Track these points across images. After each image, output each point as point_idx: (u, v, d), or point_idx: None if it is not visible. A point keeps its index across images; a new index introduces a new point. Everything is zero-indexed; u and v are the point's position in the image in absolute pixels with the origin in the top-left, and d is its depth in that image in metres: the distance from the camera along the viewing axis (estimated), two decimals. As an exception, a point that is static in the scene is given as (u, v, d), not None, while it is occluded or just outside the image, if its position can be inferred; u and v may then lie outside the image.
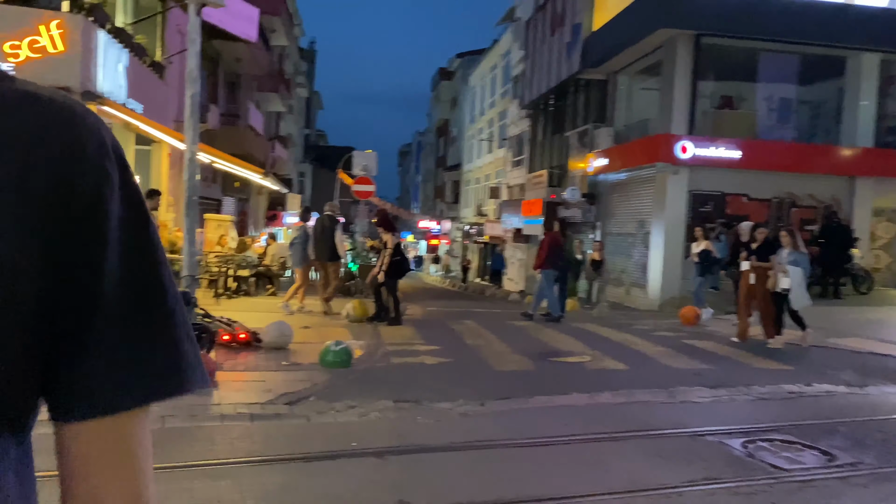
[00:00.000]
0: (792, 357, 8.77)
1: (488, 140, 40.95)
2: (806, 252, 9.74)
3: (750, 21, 16.40)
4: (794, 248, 9.48)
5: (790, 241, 9.53)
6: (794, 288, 9.29)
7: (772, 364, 8.30)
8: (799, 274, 9.26)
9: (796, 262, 9.34)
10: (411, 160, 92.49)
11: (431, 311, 12.90)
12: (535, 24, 27.52)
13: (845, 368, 7.93)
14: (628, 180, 19.64)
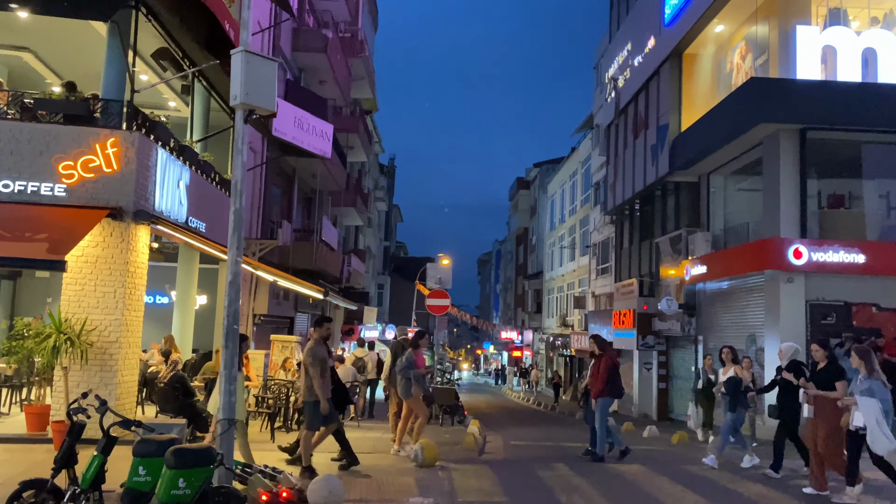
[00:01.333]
0: None
1: (570, 247, 39.58)
2: (883, 379, 7.30)
3: (859, 110, 14.81)
4: (868, 372, 7.26)
5: (862, 364, 7.33)
6: (870, 426, 7.05)
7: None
8: (873, 407, 7.02)
9: (871, 390, 7.11)
10: (490, 269, 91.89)
11: (516, 448, 11.15)
12: (615, 129, 26.58)
13: None
14: (732, 289, 17.67)
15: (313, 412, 8.07)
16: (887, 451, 7.04)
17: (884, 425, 7.02)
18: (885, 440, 6.99)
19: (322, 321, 8.61)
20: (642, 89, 22.96)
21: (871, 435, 7.05)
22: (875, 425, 7.02)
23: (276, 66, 7.07)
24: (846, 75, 14.99)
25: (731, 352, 11.05)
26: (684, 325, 19.92)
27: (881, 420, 7.01)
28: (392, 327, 45.10)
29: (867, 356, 7.37)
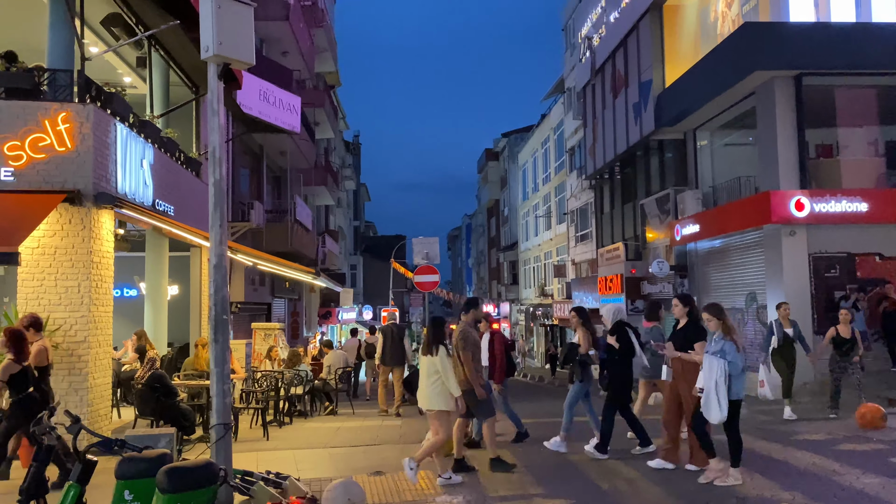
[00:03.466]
0: None
1: (546, 216, 38.95)
2: (738, 341, 6.51)
3: (856, 52, 14.18)
4: (724, 331, 6.48)
5: (715, 321, 6.57)
6: (707, 388, 6.36)
7: None
8: (717, 368, 6.28)
9: (723, 351, 6.35)
10: (461, 244, 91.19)
11: (528, 427, 10.39)
12: (592, 90, 25.79)
13: None
14: (726, 247, 17.12)
15: (474, 398, 7.39)
16: (717, 419, 6.38)
17: (722, 391, 6.29)
18: (717, 408, 6.31)
19: (472, 304, 8.12)
20: (620, 46, 22.15)
21: (706, 398, 6.37)
22: (713, 388, 6.32)
23: (251, 11, 6.06)
24: (840, 16, 14.37)
25: (578, 314, 8.85)
26: (677, 286, 19.36)
27: (721, 385, 6.29)
28: (368, 308, 44.18)
29: (721, 313, 6.60)
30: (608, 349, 8.17)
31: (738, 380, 6.39)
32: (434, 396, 7.03)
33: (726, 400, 6.30)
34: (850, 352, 10.31)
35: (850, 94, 15.77)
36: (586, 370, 8.43)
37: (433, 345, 7.07)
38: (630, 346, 8.11)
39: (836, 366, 10.44)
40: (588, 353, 8.42)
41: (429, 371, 7.06)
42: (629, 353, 8.13)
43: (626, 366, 8.15)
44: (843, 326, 10.39)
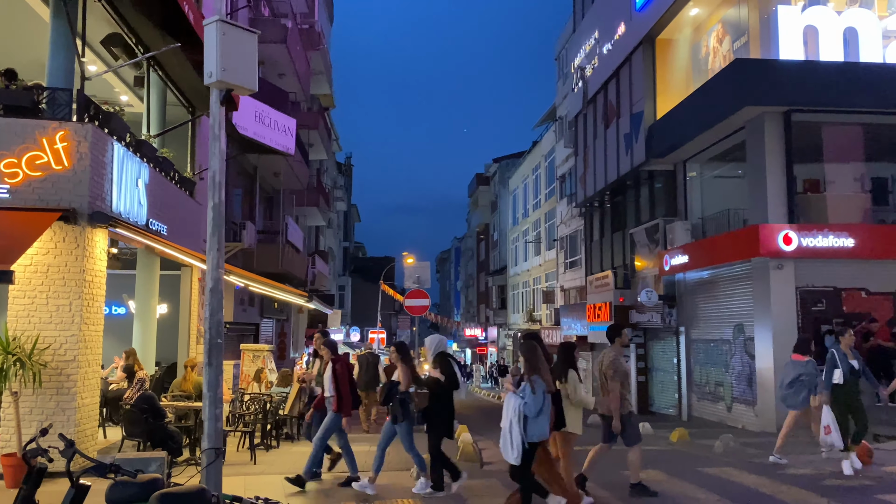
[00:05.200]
0: None
1: (536, 242, 39.12)
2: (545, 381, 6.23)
3: (844, 91, 14.48)
4: (528, 370, 6.30)
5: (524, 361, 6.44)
6: (503, 427, 6.20)
7: None
8: (512, 406, 6.14)
9: (524, 390, 6.16)
10: (450, 266, 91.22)
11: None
12: (584, 120, 26.09)
13: None
14: (715, 279, 17.27)
15: (629, 425, 7.48)
16: (512, 460, 6.16)
17: (516, 431, 6.07)
18: (509, 448, 6.09)
19: (619, 328, 7.97)
20: (613, 77, 22.48)
21: (502, 438, 6.16)
22: (507, 428, 6.11)
23: (255, 38, 6.15)
24: (829, 55, 14.68)
25: (398, 349, 8.23)
26: (665, 316, 19.49)
27: (515, 425, 6.08)
28: (356, 329, 43.99)
29: (528, 351, 6.41)
30: (430, 382, 7.80)
31: (535, 422, 6.12)
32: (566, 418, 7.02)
33: (520, 440, 6.06)
34: None
35: (837, 131, 16.06)
36: (406, 408, 7.82)
37: (564, 370, 7.11)
38: (454, 378, 7.75)
39: None
40: (409, 391, 7.87)
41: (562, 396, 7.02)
42: (453, 386, 7.74)
43: (448, 399, 7.75)
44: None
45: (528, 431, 6.08)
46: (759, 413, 14.85)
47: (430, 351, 7.97)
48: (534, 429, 6.10)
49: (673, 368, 19.55)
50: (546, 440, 6.41)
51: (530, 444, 6.10)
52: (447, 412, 7.77)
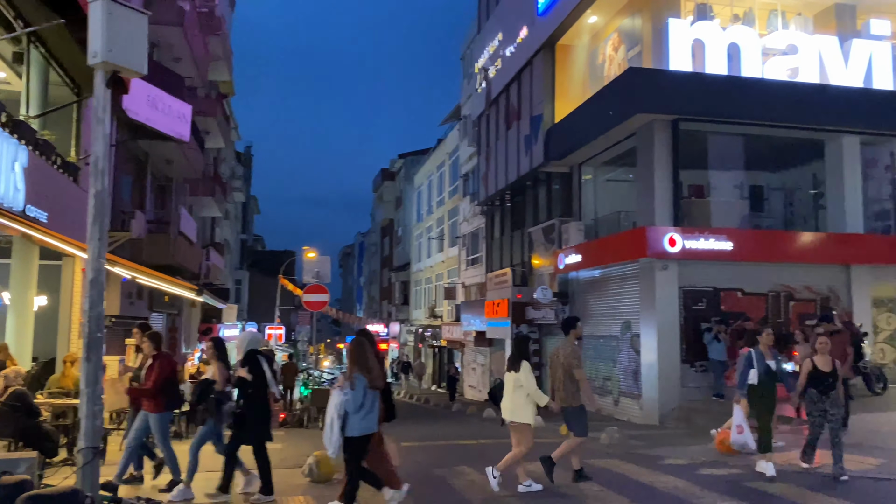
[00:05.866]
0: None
1: (439, 239, 39.43)
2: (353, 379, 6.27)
3: (727, 102, 15.44)
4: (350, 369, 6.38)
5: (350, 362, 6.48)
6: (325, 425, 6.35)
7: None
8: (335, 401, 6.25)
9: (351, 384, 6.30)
10: (353, 262, 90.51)
11: (412, 451, 10.43)
12: (487, 120, 26.53)
13: None
14: (605, 277, 18.01)
15: (579, 417, 7.92)
16: (331, 454, 6.34)
17: (336, 427, 6.15)
18: (329, 442, 6.21)
19: (574, 321, 8.36)
20: (514, 80, 22.98)
21: (324, 433, 6.28)
22: (329, 423, 6.21)
23: (146, 20, 5.90)
24: (714, 68, 15.57)
25: (215, 345, 7.82)
26: (558, 313, 20.14)
27: (335, 420, 6.17)
28: (252, 325, 42.92)
29: (356, 349, 6.47)
30: (240, 382, 7.26)
31: (355, 418, 6.19)
32: (517, 409, 7.54)
33: (339, 436, 6.15)
34: (832, 389, 8.03)
35: (720, 141, 17.11)
36: (220, 409, 7.34)
37: (518, 361, 7.57)
38: (263, 377, 7.28)
39: (814, 408, 8.13)
40: (224, 391, 7.41)
41: (514, 385, 7.55)
42: (263, 386, 7.26)
43: (261, 400, 7.27)
44: (821, 358, 8.14)
45: (348, 426, 6.19)
46: (643, 406, 15.61)
47: (242, 347, 7.39)
48: (354, 424, 6.20)
49: (566, 364, 20.20)
50: (374, 434, 6.46)
51: (354, 438, 6.20)
52: (261, 414, 7.26)
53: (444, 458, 10.23)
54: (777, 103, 15.54)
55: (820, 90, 15.92)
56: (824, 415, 7.99)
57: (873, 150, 16.98)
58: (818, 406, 8.05)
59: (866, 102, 16.10)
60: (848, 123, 16.17)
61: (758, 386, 8.18)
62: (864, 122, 16.22)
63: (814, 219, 17.90)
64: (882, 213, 17.10)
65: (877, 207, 17.16)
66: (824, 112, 15.88)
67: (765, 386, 8.19)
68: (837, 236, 16.13)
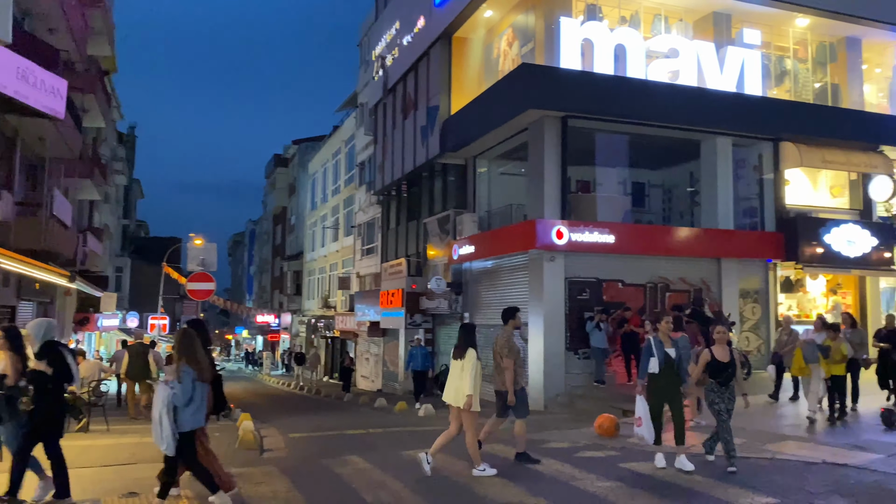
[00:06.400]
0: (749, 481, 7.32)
1: (334, 228, 38.95)
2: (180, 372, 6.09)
3: (613, 103, 16.08)
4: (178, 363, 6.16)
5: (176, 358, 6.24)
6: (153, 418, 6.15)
7: (742, 495, 6.76)
8: (162, 396, 6.10)
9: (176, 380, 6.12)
10: (244, 250, 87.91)
11: (299, 442, 10.31)
12: (384, 109, 26.40)
13: (829, 495, 6.57)
14: (497, 268, 18.39)
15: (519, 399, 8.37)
16: (164, 450, 6.07)
17: (167, 422, 5.96)
18: (160, 438, 5.99)
19: (513, 311, 8.73)
20: (412, 69, 22.97)
21: (153, 429, 6.08)
22: (157, 419, 6.00)
23: (8, -16, 5.45)
24: (602, 68, 16.16)
25: (7, 334, 6.66)
26: (451, 303, 20.41)
27: (164, 415, 5.97)
28: (134, 315, 40.93)
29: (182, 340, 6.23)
30: (34, 376, 6.45)
31: (185, 412, 6.05)
32: (458, 395, 7.83)
33: (170, 431, 5.95)
34: (731, 380, 7.92)
35: (607, 138, 17.81)
36: (13, 406, 6.50)
37: (465, 348, 7.87)
38: (66, 369, 6.55)
39: (716, 397, 7.91)
40: (17, 385, 6.51)
41: (460, 372, 7.87)
42: (64, 379, 6.59)
43: (58, 394, 6.59)
44: (719, 348, 7.96)
45: (178, 421, 6.04)
46: (529, 393, 16.02)
47: (36, 339, 6.53)
48: (184, 418, 6.07)
49: (457, 353, 20.50)
50: (201, 428, 6.35)
51: (185, 433, 6.06)
52: (56, 411, 6.63)
53: (333, 449, 10.15)
54: (659, 104, 16.34)
55: (698, 93, 16.87)
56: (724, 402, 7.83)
57: (743, 151, 18.20)
58: (719, 396, 7.86)
59: (738, 106, 17.21)
60: (722, 126, 17.25)
61: (658, 375, 7.97)
62: (736, 125, 17.35)
63: (689, 215, 19.02)
64: (749, 210, 18.36)
65: (745, 205, 18.41)
66: (701, 114, 16.85)
67: (665, 375, 7.96)
68: (710, 232, 17.18)
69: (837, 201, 19.65)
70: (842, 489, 6.79)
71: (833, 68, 19.78)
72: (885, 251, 18.03)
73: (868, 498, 6.55)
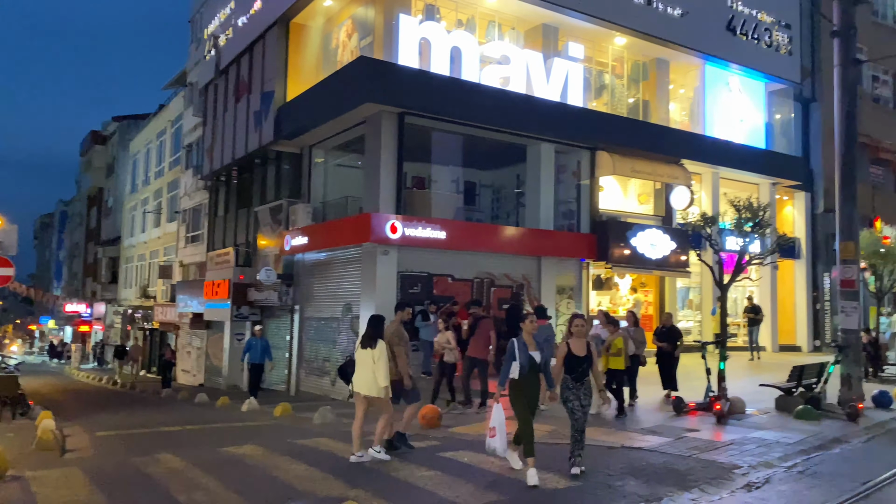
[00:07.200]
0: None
1: (156, 213, 36.62)
2: None
3: (448, 103, 16.52)
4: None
5: None
6: None
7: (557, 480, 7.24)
8: None
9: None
10: (52, 233, 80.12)
11: (106, 441, 9.62)
12: (215, 90, 25.21)
13: (623, 476, 7.25)
14: (330, 260, 18.27)
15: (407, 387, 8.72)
16: None
17: None
18: None
19: (403, 305, 9.39)
20: (247, 51, 22.13)
21: None
22: None
23: None
24: (439, 68, 16.53)
25: None
26: (282, 295, 19.98)
27: None
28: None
29: None
30: None
31: None
32: (373, 383, 8.19)
33: None
34: (587, 376, 7.40)
35: (442, 137, 18.26)
36: None
37: (374, 338, 8.21)
38: None
39: (570, 395, 7.33)
40: None
41: (368, 362, 8.20)
42: None
43: None
44: (576, 341, 7.40)
45: None
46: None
47: None
48: None
49: (286, 345, 20.14)
50: None
51: None
52: None
53: (144, 447, 9.60)
54: (491, 108, 17.01)
55: (526, 100, 17.75)
56: (580, 400, 7.29)
57: (565, 157, 19.43)
58: (574, 393, 7.28)
59: (561, 115, 18.32)
60: (546, 133, 18.31)
61: (519, 380, 7.12)
62: (559, 132, 18.49)
63: (515, 214, 20.02)
64: (568, 212, 19.66)
65: (564, 208, 19.67)
66: (528, 120, 17.77)
67: (527, 380, 7.14)
68: (532, 231, 18.19)
69: (644, 208, 21.57)
70: (635, 470, 7.49)
71: (645, 86, 21.66)
72: (682, 254, 20.07)
73: (657, 477, 7.28)
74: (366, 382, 8.27)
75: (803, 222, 24.92)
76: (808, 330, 24.43)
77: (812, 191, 24.94)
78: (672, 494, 6.63)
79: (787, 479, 7.37)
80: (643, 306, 20.65)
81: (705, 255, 14.19)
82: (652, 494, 6.63)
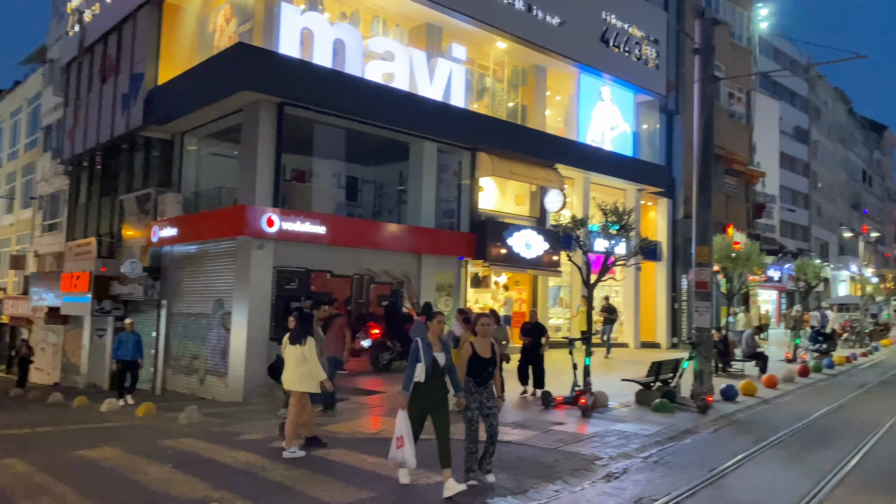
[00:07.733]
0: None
1: (8, 198, 33.71)
2: None
3: (331, 96, 16.27)
4: None
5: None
6: None
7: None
8: None
9: None
10: None
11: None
12: (78, 68, 23.53)
13: (494, 469, 7.43)
14: (201, 253, 17.52)
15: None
16: None
17: None
18: None
19: (318, 304, 9.81)
20: (115, 30, 20.80)
21: None
22: None
23: None
24: (321, 59, 16.24)
25: None
26: (147, 288, 18.95)
27: None
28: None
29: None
30: None
31: None
32: (302, 380, 8.27)
33: None
34: (491, 378, 7.02)
35: (324, 130, 17.95)
36: None
37: (304, 335, 8.26)
38: None
39: (470, 399, 6.87)
40: None
41: (298, 359, 8.25)
42: None
43: None
44: (481, 341, 7.00)
45: None
46: (229, 384, 15.60)
47: None
48: None
49: (152, 342, 19.12)
50: None
51: None
52: None
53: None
54: (374, 104, 16.93)
55: (409, 98, 17.81)
56: (481, 408, 6.88)
57: (447, 157, 19.67)
58: (475, 398, 6.84)
59: (444, 115, 18.54)
60: (429, 131, 18.45)
61: (423, 384, 6.63)
62: (442, 132, 18.69)
63: (397, 212, 20.05)
64: (449, 211, 19.93)
65: (445, 206, 19.93)
66: (411, 118, 17.83)
67: (431, 385, 6.65)
68: (413, 228, 18.29)
69: (520, 209, 22.24)
70: (504, 463, 7.71)
71: (524, 91, 22.32)
72: (554, 255, 20.86)
73: (524, 469, 7.53)
74: (296, 378, 8.34)
75: (665, 227, 26.57)
76: (667, 328, 26.11)
77: (673, 197, 26.64)
78: (537, 487, 6.87)
79: (643, 468, 7.84)
80: (516, 304, 21.29)
81: (575, 256, 14.81)
82: (518, 487, 6.84)
